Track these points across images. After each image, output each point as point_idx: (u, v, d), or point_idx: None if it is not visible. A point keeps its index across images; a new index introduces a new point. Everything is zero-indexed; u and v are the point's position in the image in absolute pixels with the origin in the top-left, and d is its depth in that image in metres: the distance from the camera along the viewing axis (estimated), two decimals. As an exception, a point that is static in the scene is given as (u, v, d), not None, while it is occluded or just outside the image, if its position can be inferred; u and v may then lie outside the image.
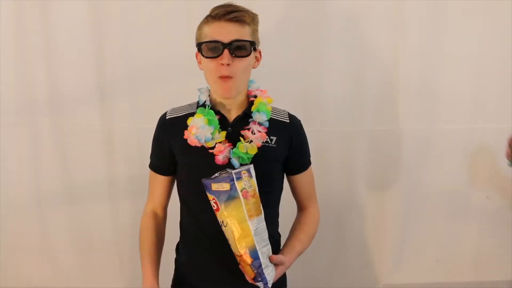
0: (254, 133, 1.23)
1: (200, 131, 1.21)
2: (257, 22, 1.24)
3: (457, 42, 1.87)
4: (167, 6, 1.84)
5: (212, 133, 1.22)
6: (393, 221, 2.03)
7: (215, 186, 1.09)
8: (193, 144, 1.22)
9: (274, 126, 1.27)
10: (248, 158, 1.21)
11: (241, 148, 1.21)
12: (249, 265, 1.09)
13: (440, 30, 1.86)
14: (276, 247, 1.29)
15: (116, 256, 2.04)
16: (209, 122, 1.22)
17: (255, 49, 1.23)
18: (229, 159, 1.21)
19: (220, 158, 1.21)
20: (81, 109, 1.92)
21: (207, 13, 1.22)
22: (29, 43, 1.89)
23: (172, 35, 1.85)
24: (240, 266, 1.12)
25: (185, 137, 1.23)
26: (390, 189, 2.00)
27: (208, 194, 1.11)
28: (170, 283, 1.37)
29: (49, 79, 1.91)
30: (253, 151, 1.21)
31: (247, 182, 1.10)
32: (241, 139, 1.22)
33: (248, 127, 1.24)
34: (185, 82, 1.75)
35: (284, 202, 1.38)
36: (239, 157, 1.20)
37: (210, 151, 1.22)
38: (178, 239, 1.38)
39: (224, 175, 1.10)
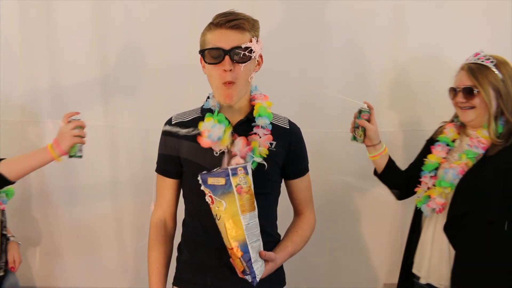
0: (261, 137, 1.27)
1: (212, 130, 1.24)
2: (258, 28, 1.28)
3: (457, 45, 1.87)
4: (171, 8, 1.87)
5: (223, 132, 1.25)
6: (392, 220, 2.05)
7: (211, 180, 1.13)
8: (207, 146, 1.25)
9: (275, 131, 1.31)
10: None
11: (257, 152, 1.25)
12: (239, 258, 1.13)
13: (439, 34, 1.88)
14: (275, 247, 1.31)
15: (119, 256, 2.06)
16: (220, 122, 1.26)
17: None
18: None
19: (239, 160, 1.23)
20: (84, 109, 1.91)
21: (210, 15, 1.26)
22: (33, 44, 1.92)
23: (176, 36, 1.87)
24: (231, 259, 1.16)
25: (198, 140, 1.25)
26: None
27: (204, 187, 1.14)
28: (172, 281, 1.39)
29: (53, 80, 1.94)
30: (264, 153, 1.26)
31: (243, 178, 1.13)
32: (253, 143, 1.26)
33: (253, 132, 1.29)
34: (188, 83, 1.78)
35: (286, 205, 1.41)
36: (253, 161, 1.24)
37: (233, 153, 1.24)
38: (179, 239, 1.40)
39: (220, 170, 1.14)
